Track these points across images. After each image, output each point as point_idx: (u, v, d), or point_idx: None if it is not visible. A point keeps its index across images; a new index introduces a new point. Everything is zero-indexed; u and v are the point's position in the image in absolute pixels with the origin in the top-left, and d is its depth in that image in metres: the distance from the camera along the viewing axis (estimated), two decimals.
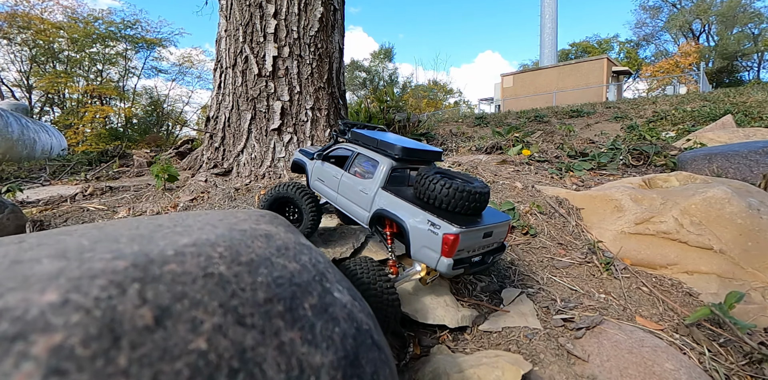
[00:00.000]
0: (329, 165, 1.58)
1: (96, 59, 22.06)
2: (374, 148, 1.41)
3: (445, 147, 4.29)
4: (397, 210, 1.26)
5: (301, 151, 1.79)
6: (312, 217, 1.54)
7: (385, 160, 1.36)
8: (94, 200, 3.07)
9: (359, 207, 1.39)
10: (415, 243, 1.20)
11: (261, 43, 2.75)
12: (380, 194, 1.33)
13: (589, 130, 8.98)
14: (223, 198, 2.61)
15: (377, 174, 1.36)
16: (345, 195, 1.45)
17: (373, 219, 1.36)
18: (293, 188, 1.55)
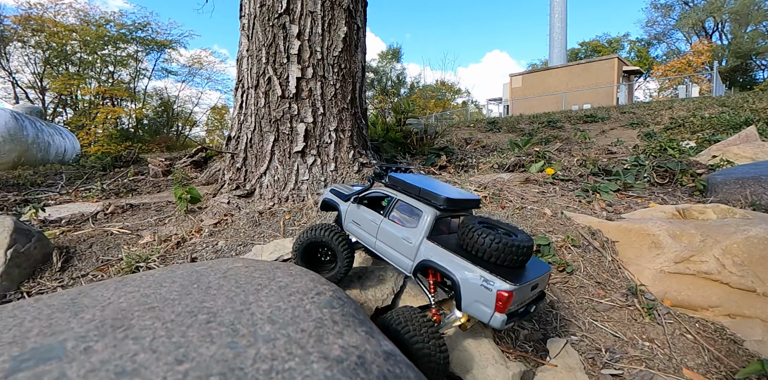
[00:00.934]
0: (366, 209, 1.55)
1: (108, 61, 22.27)
2: (416, 196, 1.38)
3: (465, 162, 4.23)
4: (445, 263, 1.24)
5: (333, 191, 1.75)
6: (347, 261, 1.53)
7: (429, 210, 1.35)
8: (116, 220, 3.06)
9: (402, 255, 1.37)
10: (467, 297, 1.18)
11: (284, 65, 2.71)
12: (425, 244, 1.31)
13: (604, 137, 8.84)
14: (248, 223, 2.58)
15: (421, 224, 1.33)
16: (385, 241, 1.43)
17: (417, 269, 1.34)
18: (328, 232, 1.53)
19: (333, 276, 1.54)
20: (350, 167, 2.89)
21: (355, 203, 1.59)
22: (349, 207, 1.61)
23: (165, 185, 4.95)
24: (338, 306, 0.84)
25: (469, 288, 1.18)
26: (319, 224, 1.59)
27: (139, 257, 2.10)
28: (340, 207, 1.66)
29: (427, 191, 1.34)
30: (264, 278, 1.05)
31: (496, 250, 1.19)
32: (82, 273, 2.12)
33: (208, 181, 4.20)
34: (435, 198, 1.32)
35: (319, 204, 1.81)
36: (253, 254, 2.04)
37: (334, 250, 1.53)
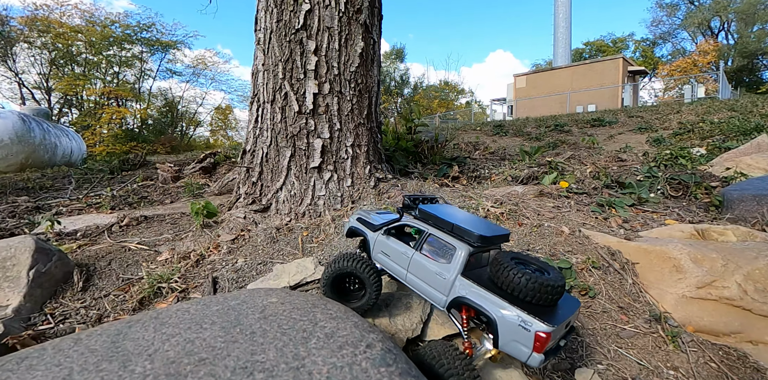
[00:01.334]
0: (396, 241, 1.56)
1: (113, 62, 22.35)
2: (449, 232, 1.40)
3: (478, 173, 4.22)
4: (482, 301, 1.27)
5: (360, 220, 1.75)
6: (376, 291, 1.55)
7: (463, 246, 1.36)
8: (132, 234, 3.07)
9: (435, 290, 1.39)
10: (504, 336, 1.20)
11: (301, 80, 2.71)
12: (460, 281, 1.33)
13: (612, 142, 8.80)
14: (266, 240, 2.58)
15: (455, 260, 1.35)
16: (417, 274, 1.45)
17: (450, 304, 1.36)
18: (357, 263, 1.54)
19: (361, 305, 1.56)
20: (366, 182, 2.89)
21: (384, 234, 1.60)
22: (378, 237, 1.62)
23: (176, 193, 4.96)
24: (393, 364, 0.84)
25: (506, 327, 1.20)
26: (347, 254, 1.60)
27: (160, 277, 2.11)
28: (368, 236, 1.67)
29: (460, 227, 1.36)
30: (306, 321, 1.05)
31: (531, 290, 1.21)
32: (104, 292, 2.13)
33: (220, 191, 4.21)
34: (469, 236, 1.34)
35: (344, 231, 1.81)
36: (275, 275, 2.05)
37: (362, 280, 1.55)
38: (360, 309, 1.56)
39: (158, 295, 2.06)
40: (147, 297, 2.04)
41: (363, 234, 1.70)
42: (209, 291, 2.02)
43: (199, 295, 2.02)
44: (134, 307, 1.98)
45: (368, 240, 1.66)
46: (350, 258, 1.55)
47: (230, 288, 2.04)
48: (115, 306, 2.00)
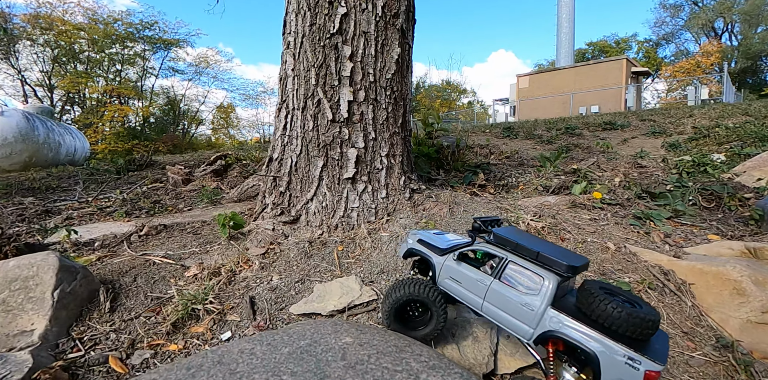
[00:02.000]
0: (469, 267, 1.45)
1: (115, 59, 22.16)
2: (533, 260, 1.31)
3: (505, 182, 4.10)
4: (580, 336, 1.18)
5: (422, 242, 1.63)
6: (443, 320, 1.45)
7: (551, 276, 1.27)
8: (153, 244, 2.95)
9: (519, 321, 1.29)
10: (608, 374, 1.14)
11: (335, 87, 2.58)
12: (551, 313, 1.24)
13: (627, 146, 8.68)
14: (299, 254, 2.46)
15: (543, 291, 1.26)
16: (497, 304, 1.34)
17: (539, 338, 1.27)
18: (425, 289, 1.45)
19: (427, 334, 1.46)
20: (401, 194, 2.77)
21: (454, 259, 1.49)
22: (447, 262, 1.51)
23: (189, 197, 4.84)
24: None
25: (611, 365, 1.13)
26: (412, 279, 1.51)
27: (194, 297, 1.98)
28: (433, 260, 1.56)
29: (546, 256, 1.28)
30: (404, 374, 0.93)
31: (632, 325, 1.13)
32: (133, 314, 2.00)
33: (240, 198, 4.08)
34: (557, 265, 1.27)
35: (401, 252, 1.70)
36: (318, 296, 1.92)
37: (429, 308, 1.46)
38: (424, 338, 1.46)
39: (192, 317, 1.94)
40: (180, 319, 1.91)
41: (425, 258, 1.59)
42: (248, 314, 1.90)
43: (236, 318, 1.90)
44: (168, 331, 1.86)
45: (433, 264, 1.55)
46: (418, 283, 1.46)
47: (270, 311, 1.92)
48: (148, 330, 1.87)
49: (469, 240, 1.57)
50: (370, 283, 2.09)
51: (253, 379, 0.97)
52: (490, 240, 1.42)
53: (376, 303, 1.88)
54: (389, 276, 2.16)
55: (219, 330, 1.84)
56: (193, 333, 1.84)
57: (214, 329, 1.85)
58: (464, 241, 1.59)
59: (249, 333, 1.74)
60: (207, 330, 1.84)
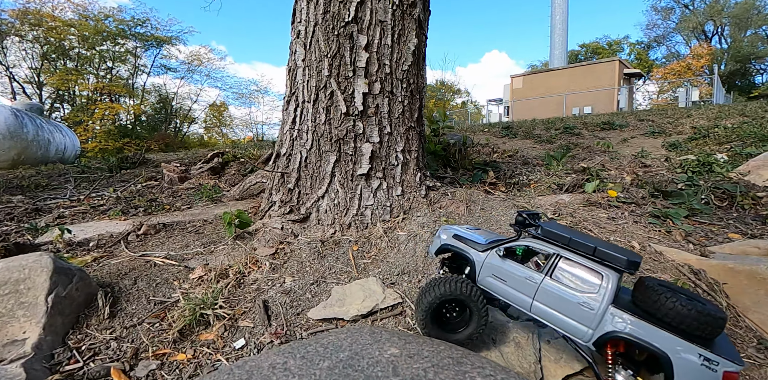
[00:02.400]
0: (515, 264, 1.34)
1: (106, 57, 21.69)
2: (590, 256, 1.21)
3: (516, 180, 3.99)
4: (650, 337, 1.09)
5: (458, 237, 1.52)
6: (484, 323, 1.34)
7: (611, 273, 1.18)
8: (152, 244, 2.78)
9: (575, 322, 1.19)
10: (682, 378, 1.06)
11: (350, 78, 2.45)
12: (612, 312, 1.15)
13: (627, 146, 8.67)
14: (311, 255, 2.32)
15: (603, 289, 1.17)
16: (549, 304, 1.24)
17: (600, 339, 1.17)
18: (467, 288, 1.33)
19: (467, 337, 1.34)
20: (417, 191, 2.64)
21: (498, 255, 1.38)
22: (489, 259, 1.39)
23: (186, 195, 4.66)
24: None
25: (685, 368, 1.05)
26: (448, 277, 1.39)
27: (202, 301, 1.83)
28: (473, 257, 1.44)
29: (605, 251, 1.19)
30: None
31: (702, 323, 1.06)
32: (136, 320, 1.85)
33: (242, 196, 3.92)
34: (617, 261, 1.17)
35: (433, 249, 1.57)
36: (338, 299, 1.79)
37: (470, 308, 1.34)
38: (464, 342, 1.34)
39: (201, 323, 1.79)
40: (188, 325, 1.76)
41: (463, 255, 1.47)
42: (262, 319, 1.75)
43: (249, 323, 1.75)
44: (175, 338, 1.71)
45: (473, 261, 1.43)
46: (456, 281, 1.34)
47: (286, 316, 1.78)
48: (152, 338, 1.72)
49: (506, 237, 1.46)
50: (391, 285, 1.96)
51: None
52: (537, 235, 1.31)
53: (401, 307, 1.75)
54: (411, 278, 2.03)
55: (231, 338, 1.69)
56: (203, 340, 1.69)
57: (226, 336, 1.70)
58: (503, 237, 1.48)
59: (265, 341, 1.59)
60: (218, 337, 1.69)
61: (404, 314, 1.70)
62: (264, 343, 1.59)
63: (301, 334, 1.63)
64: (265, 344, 1.57)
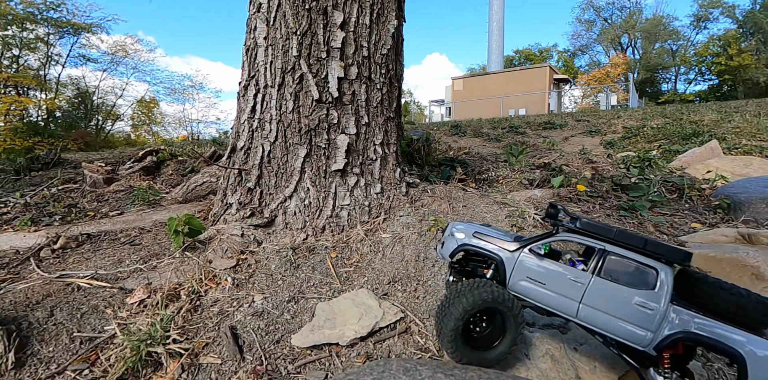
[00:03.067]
0: (556, 263, 1.16)
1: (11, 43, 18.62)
2: (640, 249, 1.09)
3: (485, 176, 3.91)
4: (719, 335, 1.00)
5: (478, 234, 1.31)
6: (520, 334, 1.16)
7: (665, 268, 1.07)
8: (74, 262, 2.24)
9: (632, 326, 1.06)
10: (756, 375, 0.97)
11: (323, 60, 2.14)
12: (675, 311, 1.04)
13: (568, 144, 9.18)
14: (282, 265, 1.96)
15: (661, 285, 1.05)
16: (600, 307, 1.09)
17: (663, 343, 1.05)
18: (502, 294, 1.13)
19: (501, 354, 1.15)
20: (397, 189, 2.40)
21: (533, 254, 1.19)
22: (522, 258, 1.20)
23: (114, 199, 3.99)
24: None
25: (760, 363, 0.97)
26: (478, 282, 1.17)
27: (149, 335, 1.42)
28: (503, 258, 1.23)
29: (657, 244, 1.08)
30: None
31: (764, 315, 1.00)
32: (56, 368, 1.39)
33: (185, 198, 3.39)
34: (673, 254, 1.07)
35: (447, 250, 1.33)
36: (326, 319, 1.47)
37: (504, 319, 1.15)
38: (494, 362, 1.14)
39: (149, 364, 1.38)
40: (131, 369, 1.35)
41: (488, 255, 1.26)
42: (232, 352, 1.39)
43: (216, 359, 1.38)
44: None
45: (501, 263, 1.23)
46: (489, 287, 1.13)
47: (263, 345, 1.43)
48: None
49: (537, 234, 1.28)
50: (385, 297, 1.69)
51: None
52: (577, 229, 1.16)
53: (405, 323, 1.48)
54: (405, 286, 1.77)
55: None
56: None
57: (187, 379, 1.32)
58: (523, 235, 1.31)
59: None
60: None
61: (410, 331, 1.44)
62: None
63: (287, 368, 1.30)
64: None
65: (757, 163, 5.07)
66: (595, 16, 44.10)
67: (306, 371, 1.27)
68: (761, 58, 29.53)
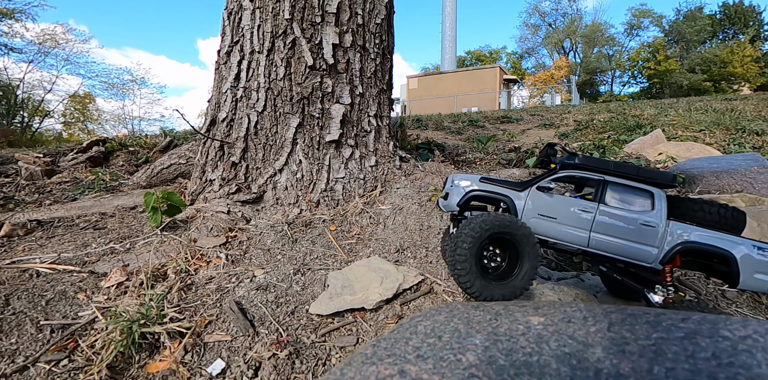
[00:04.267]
0: (565, 197, 1.23)
1: None
2: (634, 176, 1.23)
3: (463, 158, 3.94)
4: (713, 241, 1.14)
5: (486, 180, 1.31)
6: (537, 265, 1.17)
7: (659, 190, 1.23)
8: (25, 248, 1.92)
9: (641, 245, 1.17)
10: (746, 271, 1.13)
11: (317, 25, 2.01)
12: (675, 225, 1.18)
13: (526, 136, 9.60)
14: (279, 240, 1.81)
15: (659, 204, 1.19)
16: (610, 232, 1.18)
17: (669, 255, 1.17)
18: (515, 222, 1.14)
19: (516, 288, 1.13)
20: (391, 162, 2.32)
21: (541, 191, 1.25)
22: (532, 197, 1.24)
23: (60, 190, 3.56)
24: None
25: (747, 260, 1.13)
26: (489, 212, 1.19)
27: (141, 316, 1.23)
28: (513, 199, 1.26)
29: (648, 170, 1.24)
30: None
31: (740, 221, 1.19)
32: (23, 361, 1.16)
33: (150, 183, 3.07)
34: (663, 177, 1.23)
35: (454, 202, 1.30)
36: (344, 287, 1.36)
37: (520, 250, 1.15)
38: (519, 293, 1.13)
39: (143, 348, 1.19)
40: (122, 354, 1.16)
41: (499, 198, 1.27)
42: (243, 327, 1.24)
43: (224, 336, 1.22)
44: (104, 379, 1.10)
45: (512, 203, 1.25)
46: (498, 215, 1.14)
47: (277, 317, 1.29)
48: None
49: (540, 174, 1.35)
50: (397, 264, 1.61)
51: None
52: (577, 164, 1.26)
53: (427, 284, 1.41)
54: (415, 253, 1.70)
55: (199, 362, 1.15)
56: (154, 374, 1.11)
57: (191, 361, 1.15)
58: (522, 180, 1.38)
59: (265, 356, 1.10)
60: (177, 364, 1.13)
61: (434, 291, 1.37)
62: (261, 359, 1.10)
63: (310, 337, 1.18)
64: (264, 360, 1.09)
65: (697, 148, 5.58)
66: (541, 21, 46.71)
67: (332, 338, 1.16)
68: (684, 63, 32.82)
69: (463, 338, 0.65)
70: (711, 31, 32.84)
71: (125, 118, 27.53)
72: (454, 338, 0.66)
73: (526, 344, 0.63)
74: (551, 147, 1.40)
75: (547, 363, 0.56)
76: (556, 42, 45.18)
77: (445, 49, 33.98)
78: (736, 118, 8.42)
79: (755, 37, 31.04)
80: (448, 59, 33.91)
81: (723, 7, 33.44)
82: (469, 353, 0.60)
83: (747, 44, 29.25)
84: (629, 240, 1.16)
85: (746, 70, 28.60)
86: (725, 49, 30.00)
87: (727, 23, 33.40)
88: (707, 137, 7.72)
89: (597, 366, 0.55)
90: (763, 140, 6.75)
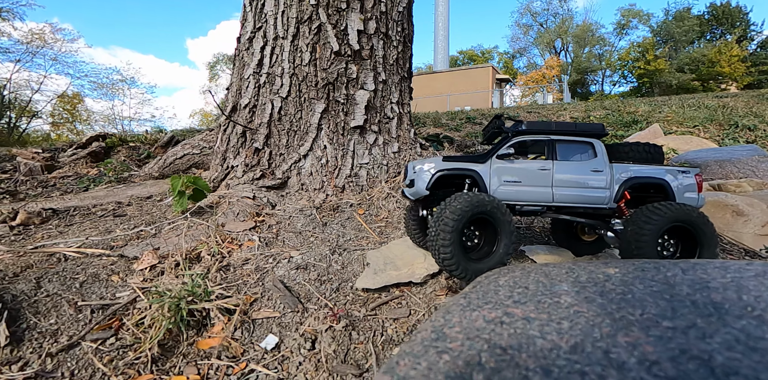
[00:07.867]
0: (525, 160, 1.35)
1: None
2: (573, 131, 1.38)
3: (472, 150, 3.96)
4: (649, 173, 1.32)
5: (449, 159, 1.37)
6: (514, 242, 1.22)
7: (595, 140, 1.39)
8: (45, 235, 1.89)
9: (595, 190, 1.31)
10: (678, 192, 1.31)
11: (342, 11, 2.01)
12: (616, 167, 1.33)
13: None
14: (309, 224, 1.81)
15: (600, 152, 1.35)
16: (568, 184, 1.31)
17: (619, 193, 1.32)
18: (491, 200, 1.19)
19: (496, 264, 1.17)
20: (412, 148, 2.33)
21: (502, 160, 1.34)
22: (496, 166, 1.33)
23: (65, 184, 3.50)
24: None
25: (677, 184, 1.31)
26: (461, 192, 1.22)
27: (188, 293, 1.22)
28: (479, 171, 1.32)
29: (584, 124, 1.39)
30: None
31: (660, 154, 1.39)
32: (68, 340, 1.14)
33: (163, 173, 3.04)
34: (597, 129, 1.40)
35: (421, 186, 1.32)
36: (386, 264, 1.37)
37: (498, 228, 1.20)
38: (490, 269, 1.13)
39: (190, 326, 1.18)
40: (170, 332, 1.14)
41: (468, 172, 1.33)
42: (291, 303, 1.23)
43: (273, 312, 1.22)
44: (155, 357, 1.08)
45: (479, 175, 1.32)
46: (481, 197, 1.17)
47: (323, 293, 1.29)
48: (111, 363, 1.06)
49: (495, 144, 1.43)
50: None
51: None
52: (524, 130, 1.38)
53: None
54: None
55: (250, 338, 1.14)
56: (206, 351, 1.10)
57: (241, 337, 1.14)
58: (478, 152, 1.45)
59: (321, 329, 1.10)
60: (229, 340, 1.12)
61: None
62: (316, 333, 1.09)
63: (360, 311, 1.18)
64: (320, 332, 1.09)
65: (696, 141, 5.69)
66: (532, 21, 47.08)
67: (383, 312, 1.17)
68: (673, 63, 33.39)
69: (551, 286, 0.66)
70: (699, 32, 33.47)
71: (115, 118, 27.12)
72: (541, 287, 0.67)
73: (614, 287, 0.65)
74: (498, 118, 1.49)
75: (642, 298, 0.58)
76: (547, 42, 45.60)
77: (437, 49, 34.07)
78: (729, 114, 8.60)
79: (742, 37, 31.72)
80: (440, 58, 34.02)
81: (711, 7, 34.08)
82: (563, 296, 0.62)
83: (734, 44, 29.88)
84: (585, 187, 1.30)
85: (733, 69, 29.21)
86: (713, 49, 30.60)
87: (715, 23, 34.05)
88: (702, 132, 7.87)
89: (691, 299, 0.58)
90: (755, 135, 6.90)
